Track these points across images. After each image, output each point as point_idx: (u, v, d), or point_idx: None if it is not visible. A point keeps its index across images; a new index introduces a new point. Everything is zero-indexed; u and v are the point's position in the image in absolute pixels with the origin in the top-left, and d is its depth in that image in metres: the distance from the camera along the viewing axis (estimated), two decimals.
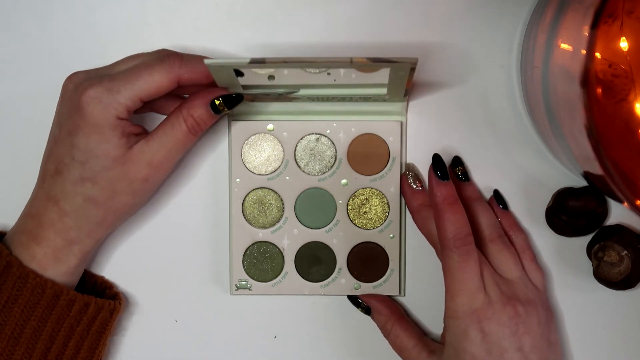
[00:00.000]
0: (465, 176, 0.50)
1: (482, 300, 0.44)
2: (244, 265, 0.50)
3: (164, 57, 0.45)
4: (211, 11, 0.50)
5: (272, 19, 0.50)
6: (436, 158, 0.47)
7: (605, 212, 0.50)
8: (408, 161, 0.51)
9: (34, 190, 0.47)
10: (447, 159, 0.50)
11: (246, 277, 0.50)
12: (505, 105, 0.50)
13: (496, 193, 0.50)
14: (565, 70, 0.41)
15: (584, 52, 0.39)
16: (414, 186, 0.50)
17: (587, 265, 0.51)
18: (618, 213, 0.50)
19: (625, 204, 0.41)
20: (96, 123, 0.43)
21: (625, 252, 0.48)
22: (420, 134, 0.51)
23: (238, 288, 0.50)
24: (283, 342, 0.52)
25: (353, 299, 0.51)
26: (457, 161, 0.50)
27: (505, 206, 0.50)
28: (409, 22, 0.50)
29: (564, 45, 0.42)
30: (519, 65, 0.50)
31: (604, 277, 0.49)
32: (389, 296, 0.51)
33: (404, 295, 0.51)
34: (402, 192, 0.50)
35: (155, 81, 0.44)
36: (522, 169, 0.51)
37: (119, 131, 0.44)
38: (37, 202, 0.46)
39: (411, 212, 0.50)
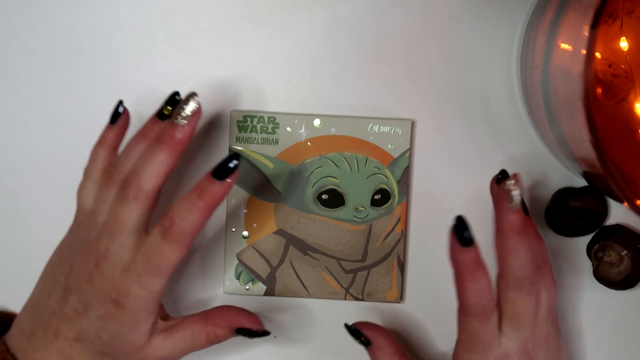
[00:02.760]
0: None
1: (497, 355, 0.42)
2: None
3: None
4: (211, 11, 0.50)
5: (272, 19, 0.50)
6: (459, 221, 0.40)
7: (605, 212, 0.50)
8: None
9: (36, 324, 0.43)
10: (446, 160, 0.50)
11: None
12: (505, 105, 0.50)
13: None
14: (565, 70, 0.41)
15: (584, 52, 0.39)
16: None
17: (587, 265, 0.51)
18: (618, 213, 0.50)
19: (625, 204, 0.41)
20: (135, 316, 0.42)
21: (625, 252, 0.48)
22: (420, 134, 0.51)
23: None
24: (283, 342, 0.52)
25: (352, 330, 0.48)
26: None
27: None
28: (409, 22, 0.50)
29: (564, 45, 0.42)
30: (519, 65, 0.50)
31: (604, 277, 0.49)
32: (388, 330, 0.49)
33: (402, 301, 0.51)
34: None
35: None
36: (522, 169, 0.51)
37: (152, 317, 0.43)
38: (45, 352, 0.43)
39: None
